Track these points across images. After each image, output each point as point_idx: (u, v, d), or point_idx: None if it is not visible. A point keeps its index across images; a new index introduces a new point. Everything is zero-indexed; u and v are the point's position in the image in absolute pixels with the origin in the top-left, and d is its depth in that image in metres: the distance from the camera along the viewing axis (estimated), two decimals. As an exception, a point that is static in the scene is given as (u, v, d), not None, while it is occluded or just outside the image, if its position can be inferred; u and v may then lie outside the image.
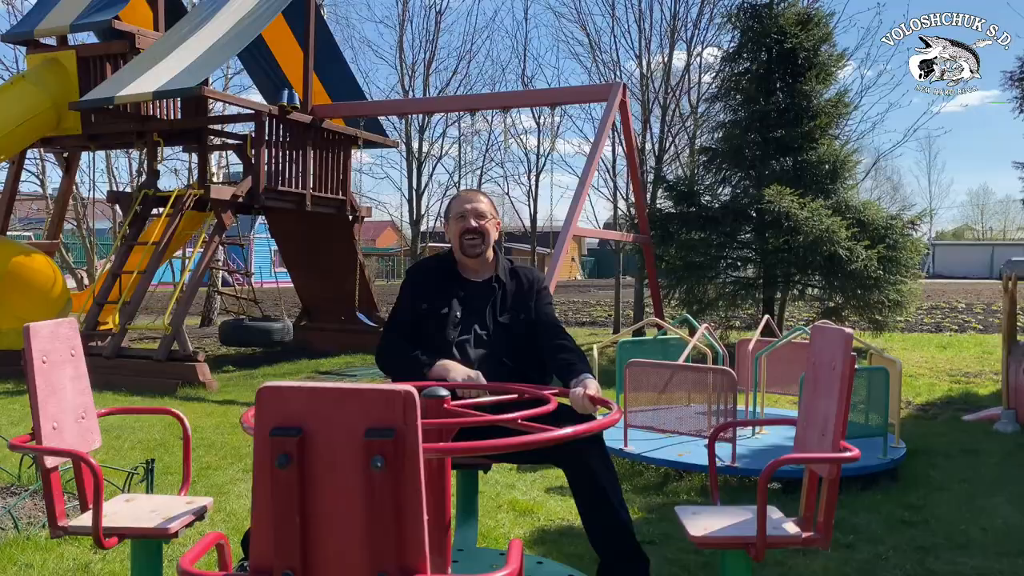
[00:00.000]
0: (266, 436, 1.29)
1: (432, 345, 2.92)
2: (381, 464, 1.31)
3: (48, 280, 9.84)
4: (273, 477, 1.29)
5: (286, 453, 1.27)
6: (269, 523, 1.31)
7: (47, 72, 10.19)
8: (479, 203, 3.08)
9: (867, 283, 9.82)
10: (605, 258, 50.84)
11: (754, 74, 10.82)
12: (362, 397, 1.32)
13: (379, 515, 1.33)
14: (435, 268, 3.13)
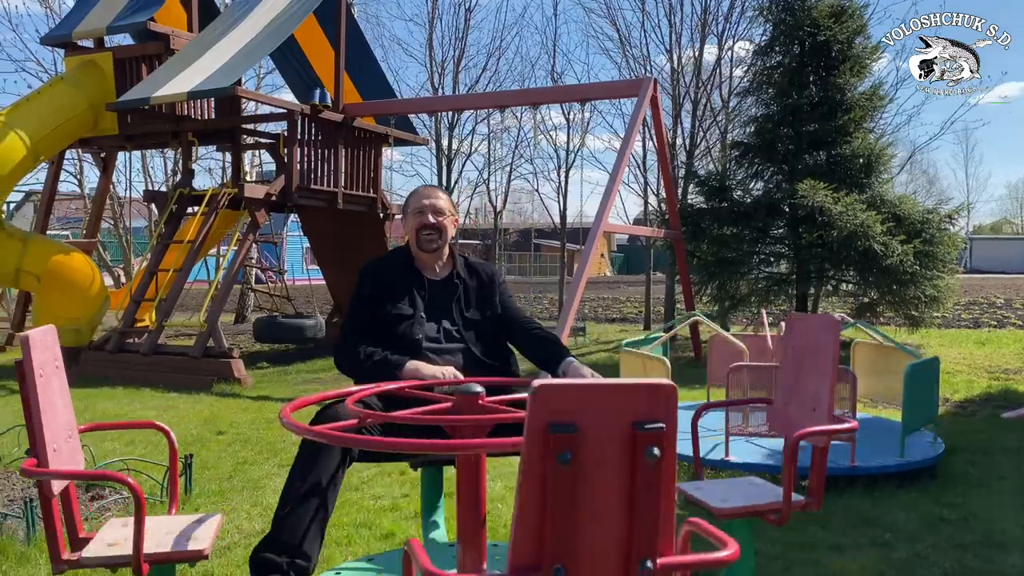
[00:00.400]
0: (541, 433, 1.30)
1: (400, 345, 2.87)
2: (657, 453, 1.35)
3: (87, 278, 10.03)
4: (550, 473, 1.30)
5: (566, 450, 1.29)
6: (537, 520, 1.32)
7: (84, 74, 10.39)
8: (437, 199, 3.06)
9: (903, 278, 9.67)
10: (635, 254, 50.64)
11: (786, 67, 10.69)
12: (631, 391, 1.36)
13: (647, 504, 1.37)
14: (393, 266, 3.07)
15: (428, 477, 3.04)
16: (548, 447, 1.31)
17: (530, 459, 1.32)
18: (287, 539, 2.41)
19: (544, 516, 1.32)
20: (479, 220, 29.92)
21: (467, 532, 2.29)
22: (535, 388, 1.31)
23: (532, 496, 1.32)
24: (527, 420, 1.32)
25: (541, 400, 1.31)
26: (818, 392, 2.59)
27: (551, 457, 1.31)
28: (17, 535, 3.51)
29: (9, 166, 9.39)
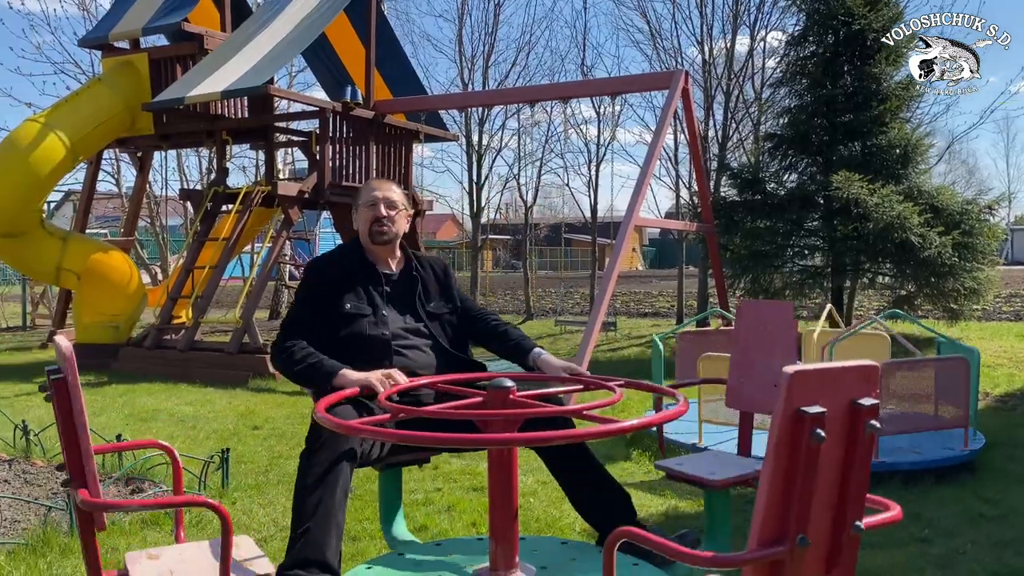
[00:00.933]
0: (792, 415, 1.42)
1: (367, 343, 2.79)
2: (877, 426, 1.50)
3: (125, 276, 10.21)
4: (802, 451, 1.44)
5: (819, 429, 1.42)
6: (784, 495, 1.46)
7: (121, 75, 10.56)
8: (390, 192, 2.98)
9: (941, 271, 9.49)
10: (666, 248, 50.31)
11: (820, 57, 10.54)
12: (851, 373, 1.52)
13: (860, 472, 1.54)
14: (345, 263, 2.96)
15: (390, 477, 3.02)
16: (801, 427, 1.43)
17: (781, 439, 1.44)
18: (310, 555, 2.37)
19: (791, 491, 1.46)
20: (509, 215, 29.94)
21: (500, 527, 2.29)
22: (790, 374, 1.43)
23: (781, 475, 1.45)
24: (781, 404, 1.43)
25: (795, 385, 1.44)
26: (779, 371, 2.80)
27: (803, 436, 1.43)
28: (61, 527, 3.59)
29: (49, 166, 9.59)
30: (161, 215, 16.68)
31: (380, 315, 2.85)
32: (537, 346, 2.92)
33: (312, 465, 2.46)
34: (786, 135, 10.87)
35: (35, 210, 9.86)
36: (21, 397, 7.59)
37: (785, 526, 1.46)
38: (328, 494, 2.41)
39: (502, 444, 2.22)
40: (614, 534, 1.61)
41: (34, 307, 15.22)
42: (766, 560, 1.47)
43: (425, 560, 2.65)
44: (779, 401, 1.43)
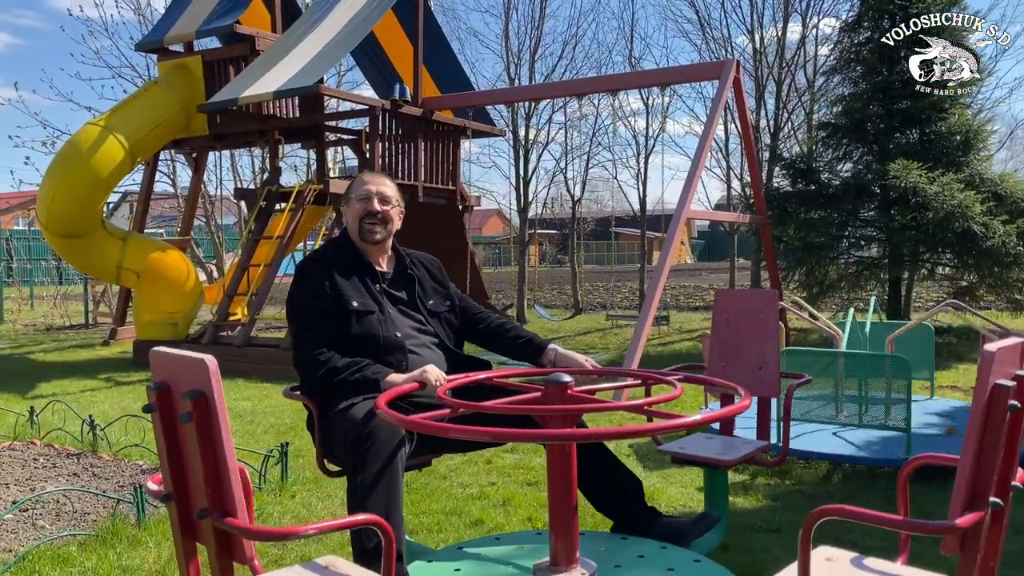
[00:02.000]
0: (992, 389, 1.59)
1: (379, 344, 2.71)
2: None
3: (182, 274, 10.45)
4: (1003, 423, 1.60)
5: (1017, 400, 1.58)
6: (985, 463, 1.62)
7: (176, 77, 10.79)
8: (384, 186, 2.88)
9: (1005, 260, 9.22)
10: (716, 240, 49.72)
11: (876, 44, 10.30)
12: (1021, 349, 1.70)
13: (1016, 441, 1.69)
14: (340, 261, 2.83)
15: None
16: (1003, 399, 1.58)
17: (985, 411, 1.59)
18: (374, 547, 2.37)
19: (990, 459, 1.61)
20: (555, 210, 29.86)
21: (559, 521, 2.30)
22: (991, 352, 1.59)
23: (981, 443, 1.61)
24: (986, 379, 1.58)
25: (997, 361, 1.59)
26: (763, 353, 3.17)
27: (1001, 408, 1.58)
28: (129, 519, 3.69)
29: (110, 168, 9.85)
30: (216, 214, 17.02)
31: (387, 313, 2.79)
32: (550, 342, 2.89)
33: (367, 464, 2.44)
34: (840, 123, 10.66)
35: (96, 211, 10.14)
36: (86, 393, 7.82)
37: (984, 490, 1.60)
38: (394, 504, 2.43)
39: (562, 439, 2.22)
40: (814, 513, 1.64)
41: (95, 305, 15.67)
42: (971, 523, 1.59)
43: (486, 553, 2.67)
44: (980, 377, 1.58)
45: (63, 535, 3.57)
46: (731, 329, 3.26)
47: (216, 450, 1.68)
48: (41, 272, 21.13)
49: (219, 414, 1.66)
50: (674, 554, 2.61)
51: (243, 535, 1.68)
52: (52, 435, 5.44)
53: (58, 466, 4.75)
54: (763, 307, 3.21)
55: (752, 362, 3.21)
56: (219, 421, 1.67)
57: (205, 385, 1.66)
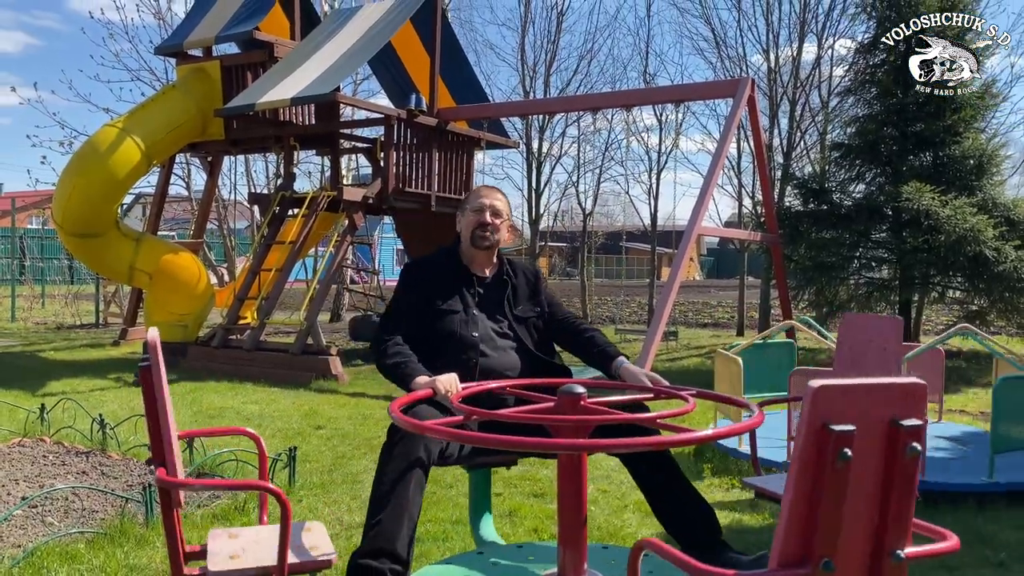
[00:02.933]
0: (818, 432, 1.35)
1: (455, 343, 2.91)
2: (918, 448, 1.41)
3: (194, 276, 10.51)
4: (827, 470, 1.36)
5: (845, 448, 1.34)
6: (808, 515, 1.38)
7: (194, 81, 10.89)
8: (498, 201, 3.08)
9: (1016, 285, 9.20)
10: (725, 258, 49.66)
11: (891, 66, 10.31)
12: (890, 390, 1.43)
13: (902, 497, 1.44)
14: (441, 264, 3.09)
15: (478, 478, 3.08)
16: (827, 445, 1.35)
17: (805, 456, 1.37)
18: (383, 545, 2.45)
19: (815, 512, 1.38)
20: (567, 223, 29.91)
21: (568, 533, 2.30)
22: (813, 388, 1.35)
23: (804, 493, 1.38)
24: (804, 419, 1.35)
25: (820, 400, 1.36)
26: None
27: (829, 455, 1.35)
28: (137, 519, 3.72)
29: (126, 169, 9.93)
30: (229, 218, 17.10)
31: (471, 314, 2.97)
32: (621, 355, 2.97)
33: (390, 459, 2.56)
34: (854, 144, 10.67)
35: (111, 212, 10.22)
36: (96, 392, 7.86)
37: (810, 548, 1.40)
38: (402, 487, 2.50)
39: (573, 449, 2.23)
40: (636, 544, 1.59)
41: (107, 305, 15.76)
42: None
43: (492, 563, 2.67)
44: (803, 415, 1.37)
45: (72, 532, 3.59)
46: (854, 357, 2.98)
47: (158, 412, 2.05)
48: (53, 271, 21.26)
49: (158, 378, 2.03)
50: (674, 570, 2.61)
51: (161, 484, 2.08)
52: (61, 433, 5.47)
53: (67, 464, 4.78)
54: (886, 335, 2.94)
55: None
56: (161, 389, 2.03)
57: (152, 358, 2.05)
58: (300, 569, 2.22)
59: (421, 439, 2.55)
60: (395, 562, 2.44)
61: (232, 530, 2.43)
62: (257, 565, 2.18)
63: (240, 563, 2.19)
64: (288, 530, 2.06)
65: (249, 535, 2.42)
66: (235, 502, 4.11)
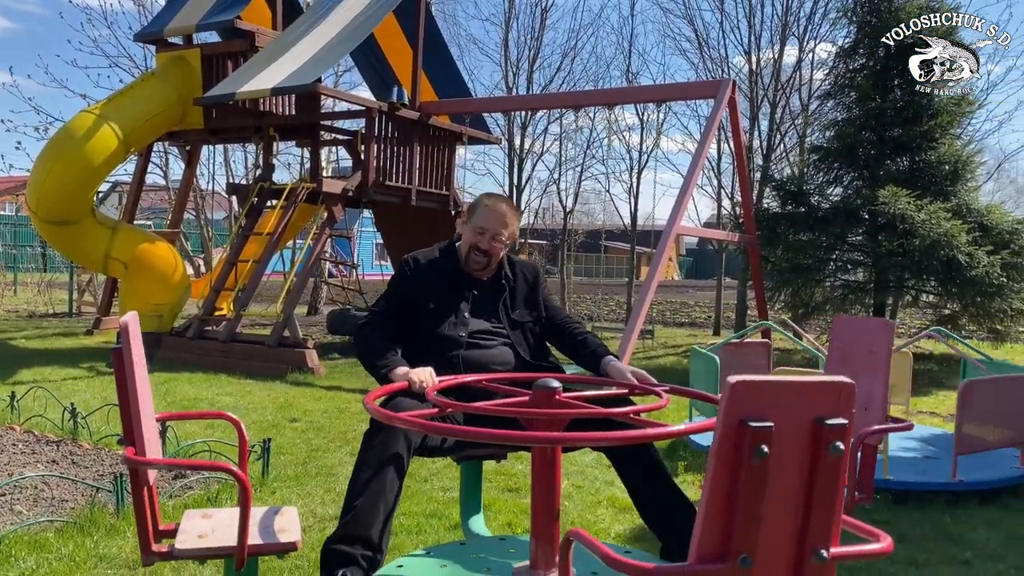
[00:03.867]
0: (735, 427, 1.34)
1: (441, 342, 2.87)
2: (842, 448, 1.41)
3: (170, 266, 10.41)
4: (744, 467, 1.36)
5: (762, 444, 1.33)
6: (725, 512, 1.38)
7: (174, 70, 10.78)
8: (503, 227, 2.94)
9: (988, 290, 9.32)
10: (703, 258, 49.95)
11: (870, 70, 10.42)
12: (815, 388, 1.42)
13: (826, 497, 1.43)
14: (439, 262, 3.02)
15: (468, 471, 3.08)
16: (743, 441, 1.35)
17: (722, 452, 1.36)
18: (359, 531, 2.45)
19: (733, 508, 1.38)
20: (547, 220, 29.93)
21: (541, 526, 2.31)
22: (731, 384, 1.34)
23: (722, 489, 1.37)
24: (722, 414, 1.35)
25: (737, 396, 1.35)
26: (871, 392, 2.79)
27: (746, 451, 1.35)
28: (108, 508, 3.68)
29: (102, 157, 9.81)
30: (207, 208, 16.96)
31: (462, 317, 2.92)
32: (611, 354, 2.94)
33: (370, 447, 2.57)
34: (832, 148, 10.76)
35: (87, 199, 10.09)
36: (68, 381, 7.77)
37: (727, 544, 1.39)
38: (380, 476, 2.50)
39: (547, 443, 2.24)
40: (565, 534, 1.59)
41: (80, 294, 15.57)
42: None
43: (466, 556, 2.68)
44: (720, 409, 1.37)
45: (41, 521, 3.55)
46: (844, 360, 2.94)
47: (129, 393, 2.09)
48: (26, 258, 20.98)
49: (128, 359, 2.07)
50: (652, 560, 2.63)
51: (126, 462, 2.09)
52: (32, 421, 5.41)
53: (37, 452, 4.72)
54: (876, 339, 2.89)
55: (859, 401, 2.90)
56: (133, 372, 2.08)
57: (122, 336, 2.10)
58: (263, 551, 2.26)
59: (402, 429, 2.54)
60: (367, 548, 2.44)
61: (207, 511, 2.48)
62: (221, 544, 2.23)
63: (206, 542, 2.24)
64: (248, 510, 2.08)
65: (223, 516, 2.45)
66: (207, 492, 4.09)
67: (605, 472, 4.80)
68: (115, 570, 3.16)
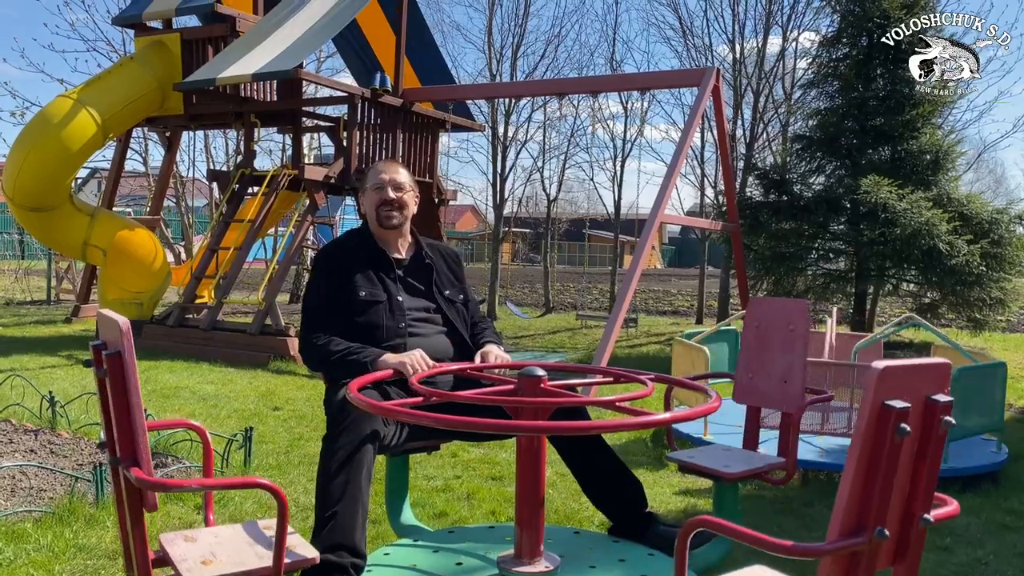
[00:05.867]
0: (880, 409, 1.48)
1: (382, 332, 2.78)
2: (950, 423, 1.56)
3: (150, 254, 10.30)
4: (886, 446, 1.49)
5: (902, 423, 1.47)
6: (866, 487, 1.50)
7: (153, 54, 10.63)
8: (397, 174, 2.96)
9: (968, 279, 9.40)
10: (686, 247, 50.10)
11: (853, 60, 10.45)
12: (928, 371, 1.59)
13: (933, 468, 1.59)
14: (355, 249, 2.93)
15: (399, 464, 3.02)
16: (887, 421, 1.48)
17: (868, 432, 1.48)
18: (344, 540, 2.36)
19: (872, 484, 1.51)
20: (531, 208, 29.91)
21: (526, 515, 2.31)
22: (880, 369, 1.48)
23: (863, 467, 1.49)
24: (868, 397, 1.48)
25: (883, 380, 1.49)
26: (791, 367, 2.99)
27: (889, 431, 1.48)
28: (87, 499, 3.64)
29: (80, 142, 9.68)
30: (187, 195, 16.79)
31: (395, 302, 2.85)
32: (494, 342, 2.91)
33: (336, 450, 2.45)
34: (815, 137, 10.80)
35: (64, 185, 9.96)
36: (46, 369, 7.69)
37: (866, 518, 1.50)
38: (353, 478, 2.41)
39: (532, 431, 2.23)
40: (688, 524, 1.64)
41: (59, 282, 15.40)
42: (846, 550, 1.49)
43: (450, 544, 2.67)
44: (866, 395, 1.48)
45: (18, 511, 3.51)
46: (760, 339, 3.10)
47: (128, 404, 1.86)
48: (3, 245, 20.71)
49: (131, 369, 1.84)
50: (626, 547, 2.63)
51: (140, 484, 1.85)
52: (9, 410, 5.34)
53: (15, 442, 4.66)
54: (794, 318, 3.05)
55: (778, 375, 3.06)
56: (132, 379, 1.85)
57: (121, 344, 1.84)
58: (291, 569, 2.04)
59: (371, 426, 2.46)
60: (354, 555, 2.38)
61: (187, 533, 2.18)
62: (242, 569, 1.95)
63: (219, 568, 1.96)
64: (285, 530, 1.90)
65: (207, 538, 2.15)
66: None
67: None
68: (95, 560, 3.13)
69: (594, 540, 2.75)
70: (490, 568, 2.42)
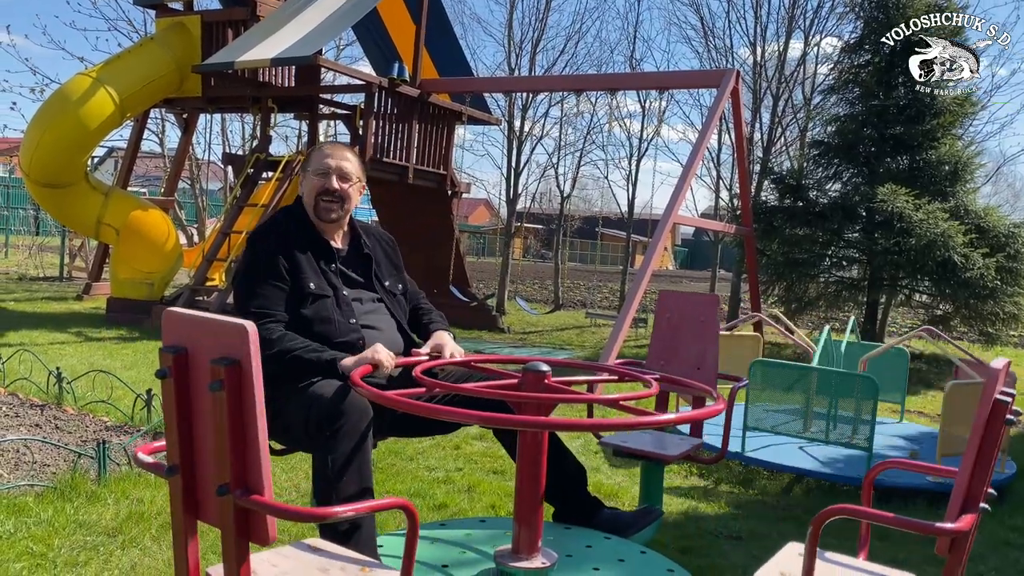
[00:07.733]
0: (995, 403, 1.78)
1: (332, 328, 2.58)
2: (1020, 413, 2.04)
3: (163, 234, 10.34)
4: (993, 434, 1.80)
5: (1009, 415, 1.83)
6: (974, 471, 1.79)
7: (173, 35, 10.66)
8: (345, 161, 2.68)
9: (981, 293, 9.32)
10: (699, 249, 49.94)
11: (875, 67, 10.36)
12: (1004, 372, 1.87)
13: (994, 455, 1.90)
14: (292, 235, 2.65)
15: None
16: (999, 413, 1.72)
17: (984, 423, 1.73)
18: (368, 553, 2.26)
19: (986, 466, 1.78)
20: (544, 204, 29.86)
21: (525, 510, 2.29)
22: (998, 369, 1.74)
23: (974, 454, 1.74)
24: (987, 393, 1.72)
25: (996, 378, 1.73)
26: (703, 354, 3.31)
27: (1000, 420, 1.74)
28: (89, 475, 3.65)
29: (98, 120, 9.71)
30: (202, 178, 16.84)
31: (341, 295, 2.66)
32: (445, 330, 2.82)
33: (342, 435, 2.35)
34: (833, 143, 10.73)
35: (81, 163, 10.00)
36: (55, 345, 7.73)
37: (976, 498, 1.73)
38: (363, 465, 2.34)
39: (537, 427, 2.21)
40: (825, 512, 1.76)
41: (72, 259, 15.48)
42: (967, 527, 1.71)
43: (448, 536, 2.66)
44: (986, 390, 1.70)
45: (20, 485, 3.52)
46: (672, 329, 3.42)
47: (246, 423, 1.56)
48: (18, 220, 20.83)
49: (254, 385, 1.55)
50: (620, 545, 2.62)
51: (272, 513, 1.56)
52: (17, 384, 5.37)
53: (20, 416, 4.68)
54: (705, 311, 3.40)
55: (691, 362, 3.35)
56: (253, 392, 1.55)
57: (241, 353, 1.54)
58: None
59: (368, 420, 2.38)
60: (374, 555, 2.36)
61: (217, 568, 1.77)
62: None
63: None
64: (414, 551, 1.67)
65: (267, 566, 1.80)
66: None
67: (591, 458, 4.79)
68: (94, 537, 3.14)
69: (590, 537, 2.75)
70: (487, 562, 2.41)
